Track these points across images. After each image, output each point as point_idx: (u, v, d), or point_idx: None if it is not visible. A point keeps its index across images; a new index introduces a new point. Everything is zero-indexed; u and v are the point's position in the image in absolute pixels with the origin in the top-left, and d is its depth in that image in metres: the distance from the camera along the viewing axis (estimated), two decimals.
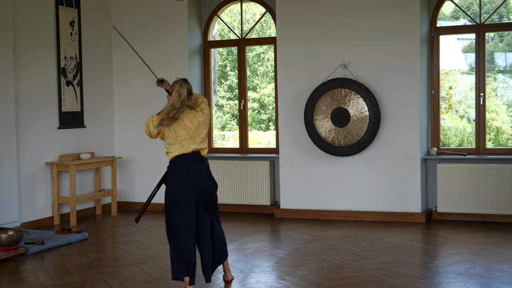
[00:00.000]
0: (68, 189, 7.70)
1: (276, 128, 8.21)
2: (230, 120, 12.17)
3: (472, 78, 7.87)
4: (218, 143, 10.89)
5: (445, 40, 8.19)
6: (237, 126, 10.06)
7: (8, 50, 7.05)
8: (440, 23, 7.80)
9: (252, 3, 8.69)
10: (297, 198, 7.78)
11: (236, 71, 9.03)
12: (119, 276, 5.22)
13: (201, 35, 8.60)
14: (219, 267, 5.13)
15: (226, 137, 11.84)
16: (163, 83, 4.86)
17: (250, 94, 11.94)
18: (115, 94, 8.79)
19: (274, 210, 7.91)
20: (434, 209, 7.46)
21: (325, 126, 7.51)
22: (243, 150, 8.49)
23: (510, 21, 8.28)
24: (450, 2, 7.62)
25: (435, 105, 7.58)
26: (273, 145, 9.04)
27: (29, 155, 7.37)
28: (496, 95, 8.78)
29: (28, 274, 5.36)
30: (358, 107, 7.36)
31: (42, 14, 7.61)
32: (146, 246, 6.34)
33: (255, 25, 8.82)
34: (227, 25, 9.53)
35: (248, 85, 8.89)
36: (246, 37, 8.55)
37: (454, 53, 9.15)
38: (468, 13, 8.11)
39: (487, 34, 7.63)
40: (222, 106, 12.10)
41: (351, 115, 7.40)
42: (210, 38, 8.74)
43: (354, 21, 7.49)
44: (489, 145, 7.87)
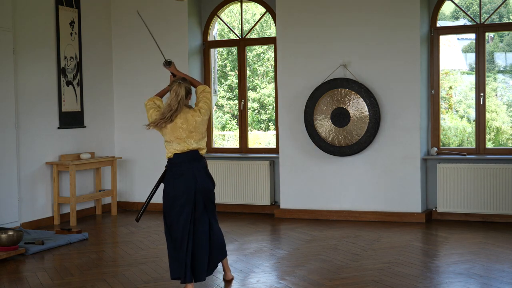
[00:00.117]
0: (68, 189, 7.70)
1: (276, 128, 8.21)
2: (230, 120, 12.17)
3: (472, 78, 7.87)
4: (218, 143, 10.88)
5: (445, 40, 8.19)
6: (237, 126, 10.06)
7: (8, 50, 7.05)
8: (440, 23, 7.80)
9: (252, 3, 8.69)
10: (297, 198, 7.77)
11: (236, 71, 9.03)
12: (119, 276, 5.22)
13: (201, 35, 8.60)
14: (218, 266, 5.12)
15: (226, 137, 11.84)
16: (171, 66, 4.87)
17: (250, 94, 11.93)
18: (115, 94, 8.79)
19: (274, 210, 7.91)
20: (434, 209, 7.46)
21: (325, 126, 7.51)
22: (243, 150, 8.49)
23: (510, 21, 8.28)
24: (450, 2, 7.62)
25: (435, 105, 7.58)
26: (273, 145, 9.04)
27: (29, 155, 7.37)
28: (496, 95, 8.77)
29: (28, 274, 5.36)
30: (358, 107, 7.36)
31: (42, 14, 7.61)
32: (146, 246, 6.34)
33: (255, 25, 8.82)
34: (227, 25, 9.53)
35: (248, 85, 8.89)
36: (246, 37, 8.55)
37: (454, 53, 9.15)
38: (468, 13, 8.10)
39: (487, 34, 7.63)
40: (222, 106, 12.10)
41: (351, 115, 7.40)
42: (210, 38, 8.74)
43: (354, 21, 7.49)
44: (489, 145, 7.86)
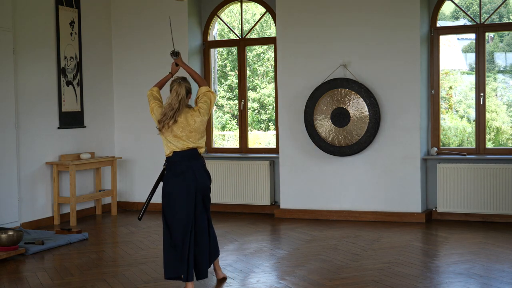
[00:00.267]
0: (68, 189, 7.70)
1: (276, 128, 8.21)
2: (230, 120, 12.15)
3: (472, 78, 7.86)
4: (218, 143, 10.87)
5: (445, 40, 8.18)
6: (237, 126, 10.06)
7: (8, 50, 7.05)
8: (440, 23, 7.80)
9: (252, 3, 8.69)
10: (297, 198, 7.77)
11: (236, 71, 9.03)
12: (119, 276, 5.22)
13: (201, 35, 8.60)
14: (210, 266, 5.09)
15: (226, 137, 11.82)
16: (178, 57, 4.88)
17: (250, 94, 11.92)
18: (115, 94, 8.79)
19: (274, 210, 7.91)
20: (434, 209, 7.46)
21: (325, 126, 7.51)
22: (243, 150, 8.49)
23: (510, 21, 8.27)
24: (450, 2, 7.62)
25: (435, 105, 7.58)
26: (273, 145, 9.04)
27: (29, 155, 7.37)
28: (496, 95, 8.76)
29: (28, 274, 5.36)
30: (358, 107, 7.36)
31: (42, 14, 7.61)
32: (146, 246, 6.34)
33: (255, 25, 8.82)
34: (227, 25, 9.52)
35: (248, 85, 8.89)
36: (246, 37, 8.55)
37: (454, 53, 9.14)
38: (468, 13, 8.10)
39: (487, 34, 7.63)
40: (222, 106, 12.08)
41: (351, 115, 7.40)
42: (210, 38, 8.74)
43: (354, 21, 7.49)
44: (489, 145, 7.86)
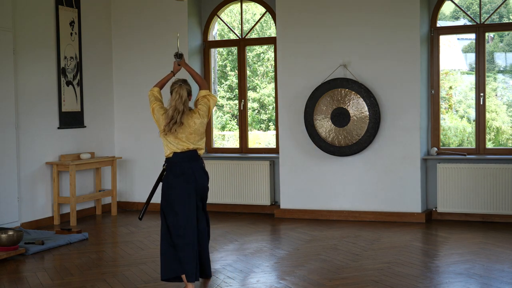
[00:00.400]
0: (68, 189, 7.70)
1: (276, 128, 8.21)
2: (230, 120, 12.15)
3: (472, 78, 7.86)
4: (218, 143, 10.88)
5: (445, 40, 8.18)
6: (237, 126, 10.06)
7: (8, 50, 7.05)
8: (440, 23, 7.80)
9: (252, 3, 8.69)
10: (297, 198, 7.77)
11: (236, 71, 9.03)
12: (119, 276, 5.22)
13: (201, 35, 8.60)
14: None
15: (226, 137, 11.82)
16: (181, 59, 4.87)
17: (250, 94, 11.92)
18: (115, 94, 8.79)
19: (274, 210, 7.91)
20: (434, 209, 7.46)
21: (325, 126, 7.51)
22: (243, 150, 8.49)
23: (510, 21, 8.27)
24: (450, 2, 7.62)
25: (435, 105, 7.58)
26: (273, 145, 9.04)
27: (29, 155, 7.37)
28: (496, 95, 8.76)
29: (28, 274, 5.36)
30: (358, 107, 7.36)
31: (42, 14, 7.61)
32: (146, 246, 6.34)
33: (255, 25, 8.82)
34: (227, 25, 9.52)
35: (248, 85, 8.89)
36: (246, 37, 8.55)
37: (454, 53, 9.14)
38: (468, 13, 8.10)
39: (487, 34, 7.63)
40: (222, 106, 12.08)
41: (351, 115, 7.40)
42: (210, 38, 8.74)
43: (354, 21, 7.48)
44: (489, 145, 7.86)
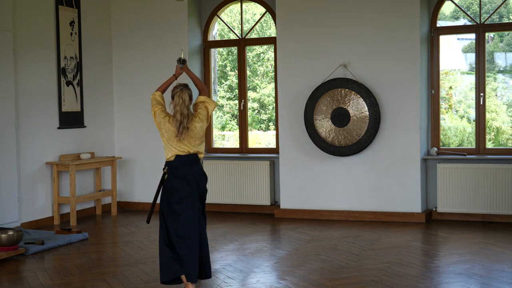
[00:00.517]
0: (68, 189, 7.70)
1: (276, 128, 8.21)
2: (230, 120, 12.15)
3: (472, 78, 7.87)
4: (218, 143, 10.88)
5: (445, 40, 8.18)
6: (237, 126, 10.06)
7: (8, 50, 7.05)
8: (440, 23, 7.80)
9: (252, 3, 8.69)
10: (297, 198, 7.77)
11: (236, 71, 9.03)
12: (119, 276, 5.22)
13: (201, 35, 8.60)
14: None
15: (226, 137, 11.83)
16: (184, 64, 4.86)
17: (250, 94, 11.92)
18: (115, 94, 8.79)
19: (274, 210, 7.91)
20: (434, 209, 7.46)
21: (325, 126, 7.51)
22: (243, 150, 8.49)
23: (510, 21, 8.28)
24: (450, 2, 7.62)
25: (435, 105, 7.58)
26: (273, 145, 9.04)
27: (29, 155, 7.37)
28: (496, 95, 8.76)
29: (28, 274, 5.36)
30: (358, 107, 7.36)
31: (42, 14, 7.61)
32: (146, 246, 6.34)
33: (255, 25, 8.82)
34: (227, 25, 9.53)
35: (248, 85, 8.89)
36: (246, 37, 8.54)
37: (454, 53, 9.14)
38: (468, 13, 8.10)
39: (487, 34, 7.63)
40: (222, 106, 12.09)
41: (351, 115, 7.40)
42: (210, 38, 8.74)
43: (354, 21, 7.48)
44: (489, 145, 7.86)
